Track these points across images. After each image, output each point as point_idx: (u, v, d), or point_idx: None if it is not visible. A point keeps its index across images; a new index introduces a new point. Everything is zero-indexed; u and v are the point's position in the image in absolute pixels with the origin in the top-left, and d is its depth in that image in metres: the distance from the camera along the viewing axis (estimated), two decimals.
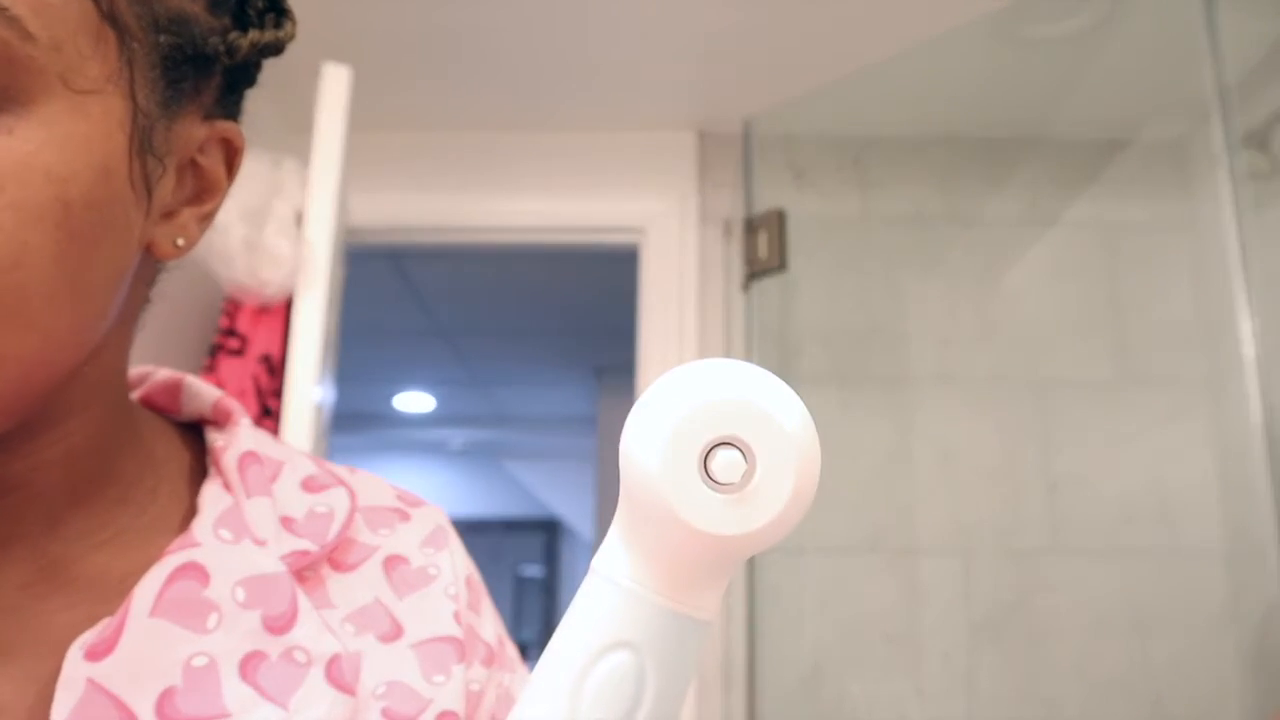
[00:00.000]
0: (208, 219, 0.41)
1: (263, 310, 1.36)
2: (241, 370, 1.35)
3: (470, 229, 1.88)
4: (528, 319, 3.23)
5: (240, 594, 0.38)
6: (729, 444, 0.25)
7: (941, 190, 1.73)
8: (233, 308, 1.38)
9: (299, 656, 0.38)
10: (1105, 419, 1.62)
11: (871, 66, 1.54)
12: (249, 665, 0.37)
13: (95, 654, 0.35)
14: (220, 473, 0.43)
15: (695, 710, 1.61)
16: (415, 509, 0.48)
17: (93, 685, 0.34)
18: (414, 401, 4.39)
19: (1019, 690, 1.56)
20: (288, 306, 1.34)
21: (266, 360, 1.35)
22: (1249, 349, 1.33)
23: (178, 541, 0.39)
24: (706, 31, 1.57)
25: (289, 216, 1.31)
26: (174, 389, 0.47)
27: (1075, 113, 1.66)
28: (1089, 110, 1.66)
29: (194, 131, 0.39)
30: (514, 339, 3.48)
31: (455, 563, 0.46)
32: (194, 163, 0.40)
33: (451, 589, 0.45)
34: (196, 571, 0.38)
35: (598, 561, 0.27)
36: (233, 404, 0.46)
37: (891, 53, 1.51)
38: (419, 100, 1.79)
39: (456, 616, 0.44)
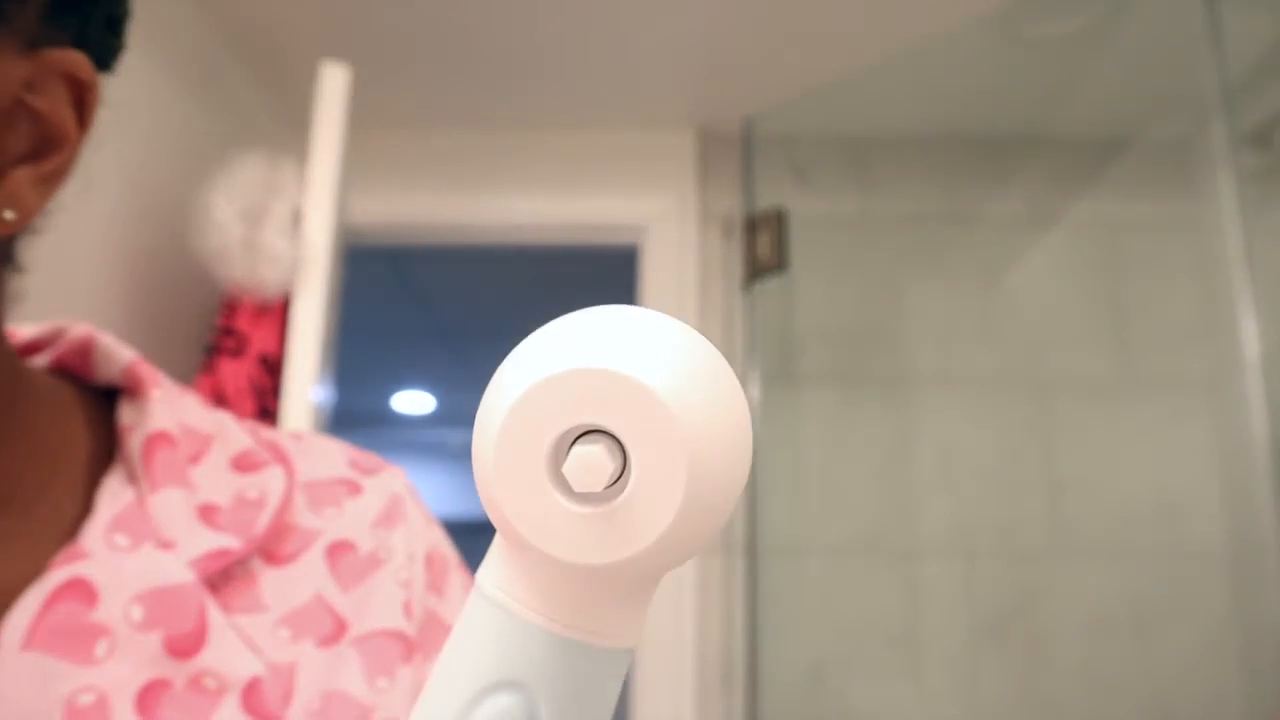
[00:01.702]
0: (54, 179, 0.32)
1: (261, 310, 1.36)
2: (239, 370, 1.34)
3: (470, 229, 1.87)
4: (528, 319, 3.22)
5: (136, 613, 0.32)
6: (595, 433, 0.18)
7: (942, 190, 1.73)
8: (231, 307, 1.38)
9: (209, 683, 0.32)
10: (1107, 419, 1.61)
11: (871, 66, 1.54)
12: (148, 698, 0.31)
13: None
14: (125, 459, 0.36)
15: (695, 710, 1.61)
16: (369, 478, 0.41)
17: None
18: (413, 401, 4.39)
19: (1020, 692, 1.55)
20: (286, 306, 1.33)
21: (265, 360, 1.35)
22: (1252, 349, 1.33)
23: (62, 554, 0.32)
24: (706, 31, 1.57)
25: (287, 216, 1.30)
26: (85, 350, 0.39)
27: (1076, 112, 1.66)
28: (1090, 110, 1.66)
29: (12, 68, 0.30)
30: (514, 339, 3.46)
31: (411, 540, 0.40)
32: (25, 107, 0.31)
33: (403, 573, 0.38)
34: (82, 589, 0.32)
35: (480, 572, 0.20)
36: (146, 370, 0.38)
37: (891, 53, 1.51)
38: (418, 100, 1.78)
39: (407, 607, 0.37)
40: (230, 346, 1.35)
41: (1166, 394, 1.61)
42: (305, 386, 1.24)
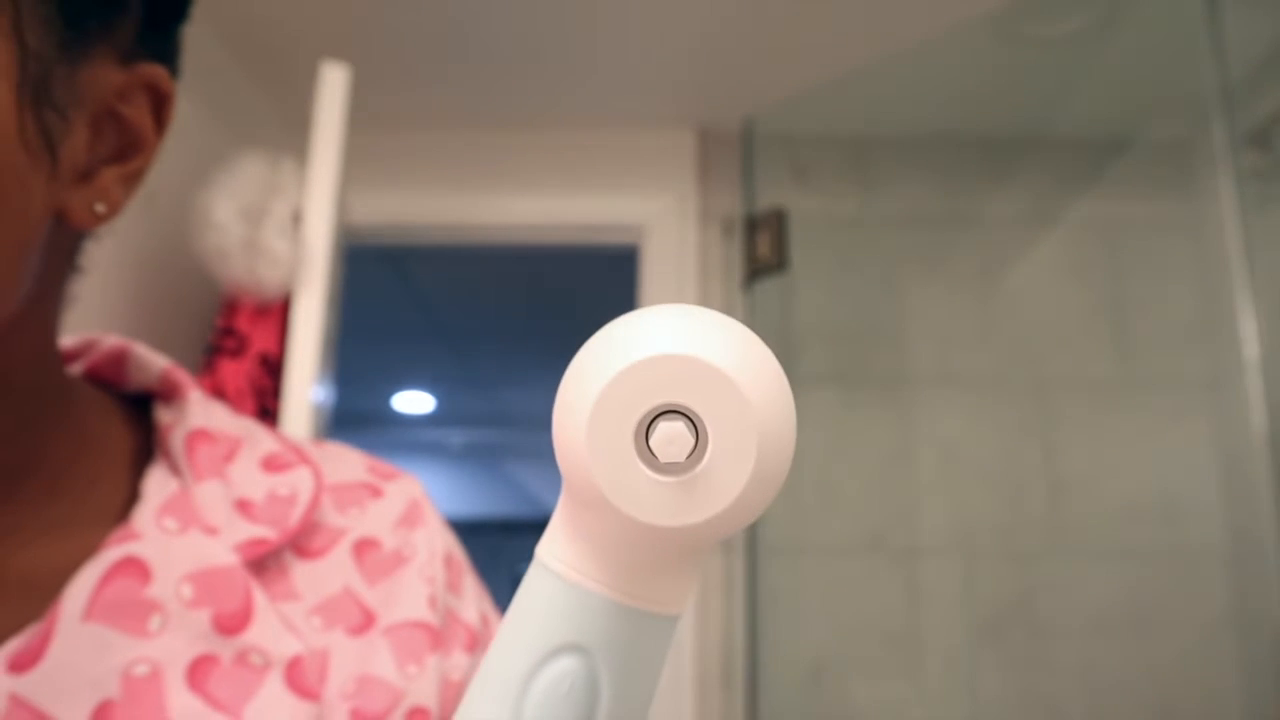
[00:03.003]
0: (135, 179, 0.35)
1: (261, 310, 1.36)
2: (239, 370, 1.34)
3: (470, 228, 1.87)
4: (528, 319, 3.23)
5: (187, 591, 0.34)
6: (675, 413, 0.20)
7: (942, 190, 1.73)
8: (231, 307, 1.38)
9: (255, 659, 0.34)
10: (1107, 419, 1.61)
11: (872, 66, 1.54)
12: (197, 672, 0.33)
13: (19, 665, 0.31)
14: (166, 454, 0.38)
15: (695, 710, 1.61)
16: (388, 482, 0.44)
17: (16, 701, 0.30)
18: (414, 401, 4.39)
19: (1020, 691, 1.55)
20: (286, 306, 1.33)
21: (265, 360, 1.35)
22: (1251, 349, 1.33)
23: (115, 534, 0.35)
24: (706, 31, 1.57)
25: (287, 216, 1.30)
26: (119, 359, 0.41)
27: (1076, 112, 1.66)
28: (1090, 110, 1.66)
29: (108, 77, 0.33)
30: (514, 339, 3.48)
31: (431, 540, 0.42)
32: (114, 114, 0.34)
33: (427, 570, 0.41)
34: (136, 567, 0.34)
35: (541, 548, 0.23)
36: (182, 375, 0.41)
37: (892, 52, 1.51)
38: (418, 100, 1.78)
39: (431, 601, 0.40)
40: (230, 347, 1.35)
41: (1166, 394, 1.61)
42: (305, 386, 1.24)
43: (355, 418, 4.43)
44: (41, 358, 0.36)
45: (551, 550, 0.22)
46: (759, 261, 1.60)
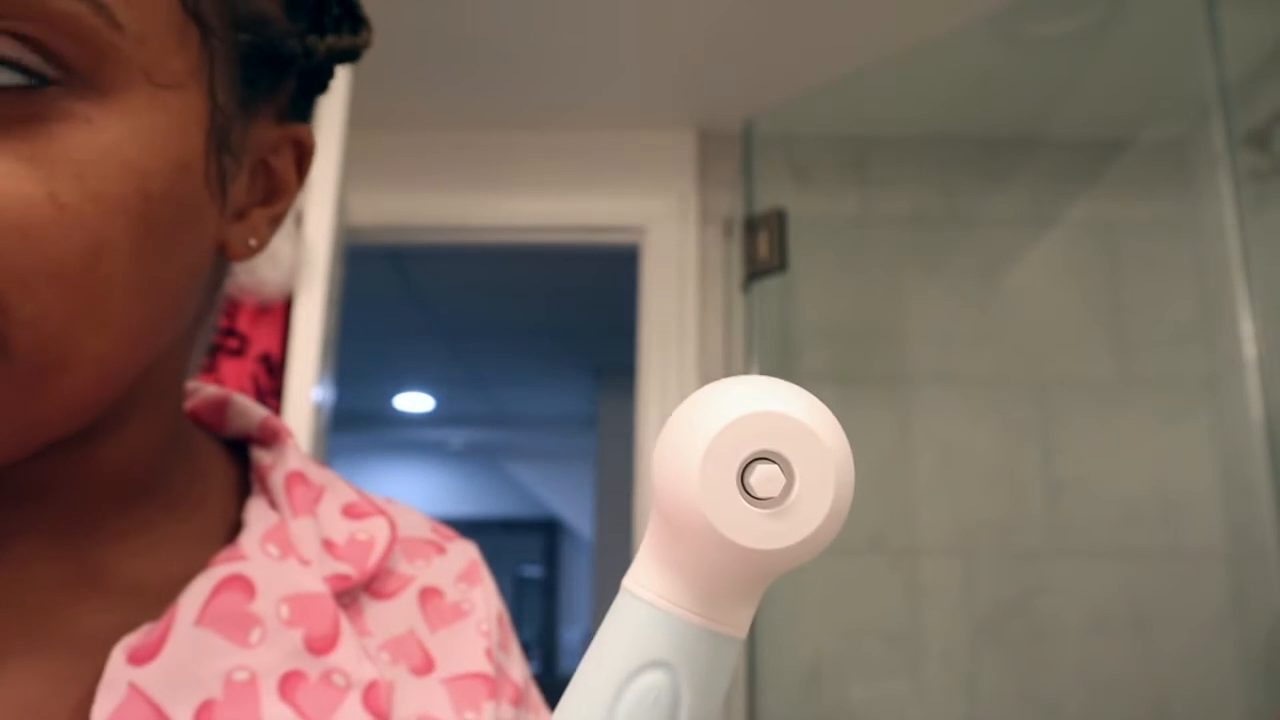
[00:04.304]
0: (278, 220, 0.40)
1: (262, 310, 1.36)
2: (241, 370, 1.34)
3: (470, 229, 1.87)
4: (528, 319, 3.23)
5: (284, 611, 0.38)
6: (765, 459, 0.25)
7: (942, 190, 1.73)
8: (232, 308, 1.38)
9: (338, 680, 0.37)
10: (1106, 419, 1.62)
11: (871, 66, 1.54)
12: (288, 684, 0.36)
13: (138, 658, 0.34)
14: (266, 490, 0.42)
15: None
16: (450, 543, 0.47)
17: (134, 690, 0.33)
18: (414, 401, 4.40)
19: (1020, 691, 1.55)
20: (287, 306, 1.34)
21: (266, 360, 1.35)
22: (1250, 349, 1.33)
23: (225, 553, 0.38)
24: (706, 31, 1.57)
25: (288, 216, 1.30)
26: (220, 406, 0.46)
27: (1075, 113, 1.66)
28: (1089, 110, 1.66)
29: (268, 133, 0.39)
30: (514, 339, 3.48)
31: (489, 599, 0.46)
32: (266, 164, 0.39)
33: (484, 625, 0.44)
34: (242, 584, 0.38)
35: (629, 580, 0.27)
36: (280, 424, 0.46)
37: (891, 53, 1.51)
38: (419, 100, 1.78)
39: (489, 654, 0.43)
40: (232, 347, 1.36)
41: (1165, 393, 1.61)
42: (306, 386, 1.24)
43: (355, 418, 4.44)
44: (180, 380, 0.40)
45: (638, 580, 0.27)
46: (759, 262, 1.60)
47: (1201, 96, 1.37)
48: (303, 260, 1.29)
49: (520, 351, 3.63)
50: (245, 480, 0.44)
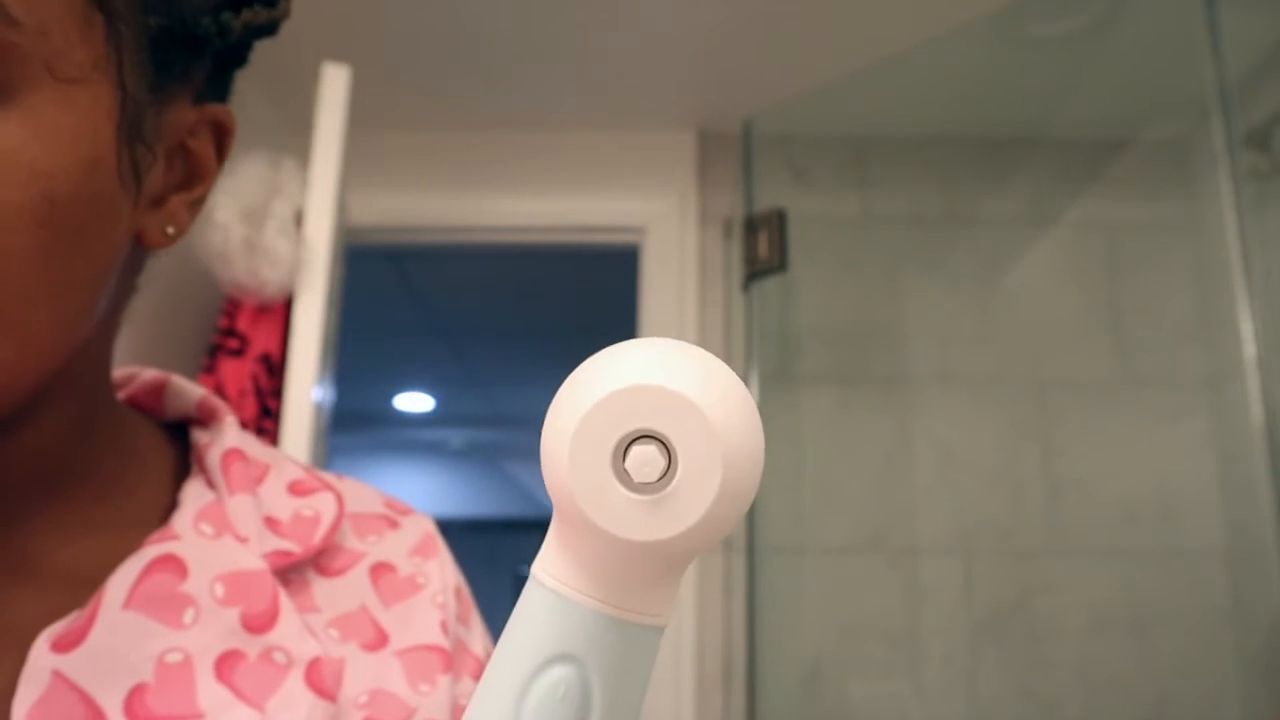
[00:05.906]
0: (198, 204, 0.39)
1: (262, 310, 1.36)
2: (241, 370, 1.34)
3: (470, 229, 1.87)
4: (528, 319, 3.23)
5: (219, 590, 0.37)
6: (649, 437, 0.22)
7: (941, 190, 1.73)
8: (232, 308, 1.38)
9: (278, 657, 0.37)
10: (1106, 419, 1.62)
11: (871, 66, 1.54)
12: (225, 664, 0.36)
13: (62, 645, 0.33)
14: (203, 470, 0.42)
15: (695, 710, 1.61)
16: (404, 517, 0.46)
17: (59, 678, 0.33)
18: (414, 401, 4.39)
19: (1019, 690, 1.56)
20: (287, 306, 1.34)
21: (266, 360, 1.35)
22: (1250, 349, 1.33)
23: (156, 535, 0.38)
24: (706, 31, 1.57)
25: (288, 216, 1.31)
26: (158, 389, 0.45)
27: (1075, 113, 1.66)
28: (1089, 110, 1.66)
29: (185, 115, 0.37)
30: (514, 339, 3.48)
31: (444, 572, 0.45)
32: (184, 147, 0.38)
33: (439, 598, 0.43)
34: (174, 564, 0.37)
35: (536, 566, 0.25)
36: (218, 402, 0.45)
37: (891, 53, 1.51)
38: (419, 100, 1.78)
39: (443, 626, 0.42)
40: (232, 347, 1.36)
41: (1164, 393, 1.61)
42: (306, 386, 1.24)
43: (355, 418, 4.43)
44: (101, 370, 0.39)
45: (544, 566, 0.24)
46: (759, 262, 1.60)
47: (1201, 96, 1.37)
48: (303, 260, 1.29)
49: (520, 351, 3.63)
50: (186, 462, 0.43)
